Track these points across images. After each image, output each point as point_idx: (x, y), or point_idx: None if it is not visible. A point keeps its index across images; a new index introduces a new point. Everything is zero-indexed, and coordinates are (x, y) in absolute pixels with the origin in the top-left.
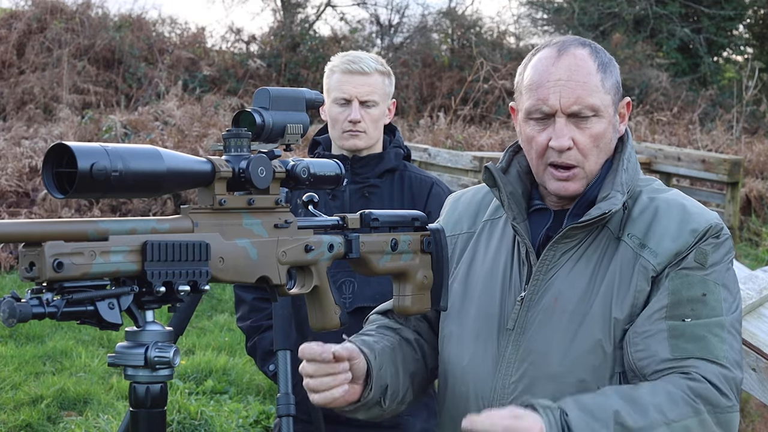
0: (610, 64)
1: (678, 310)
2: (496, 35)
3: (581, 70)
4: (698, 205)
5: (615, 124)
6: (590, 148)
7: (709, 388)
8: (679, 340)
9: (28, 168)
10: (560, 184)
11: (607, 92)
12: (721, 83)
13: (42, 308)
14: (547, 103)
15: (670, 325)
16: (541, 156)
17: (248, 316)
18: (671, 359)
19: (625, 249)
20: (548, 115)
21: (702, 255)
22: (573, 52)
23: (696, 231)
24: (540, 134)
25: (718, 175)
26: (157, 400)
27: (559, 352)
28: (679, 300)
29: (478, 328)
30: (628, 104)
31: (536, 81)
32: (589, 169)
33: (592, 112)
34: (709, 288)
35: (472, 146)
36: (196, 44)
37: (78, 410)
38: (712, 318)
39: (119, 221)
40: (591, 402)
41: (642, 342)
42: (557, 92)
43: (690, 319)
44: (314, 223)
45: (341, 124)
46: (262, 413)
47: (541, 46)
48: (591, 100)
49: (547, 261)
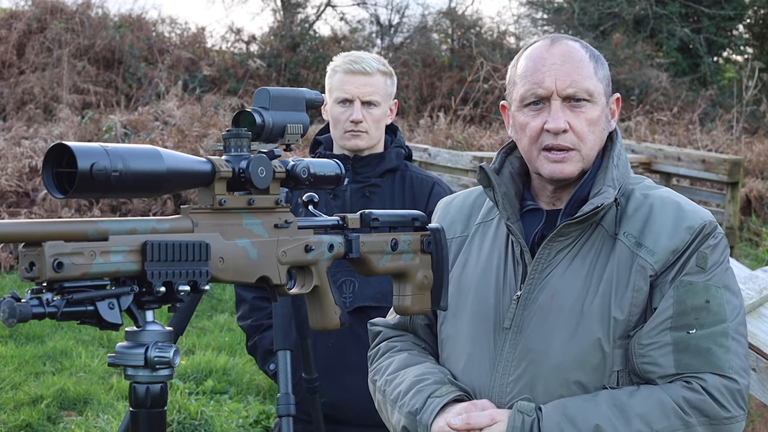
0: (601, 58)
1: (683, 321)
2: (496, 35)
3: (575, 55)
4: (692, 203)
5: (607, 115)
6: (586, 133)
7: (707, 400)
8: (684, 354)
9: (28, 168)
10: (555, 166)
11: (600, 81)
12: (721, 83)
13: (42, 308)
14: (543, 86)
15: (675, 338)
16: (535, 141)
17: (249, 315)
18: (674, 375)
19: (621, 248)
20: (543, 98)
21: (702, 259)
22: (565, 42)
23: (692, 228)
24: (534, 119)
25: (718, 175)
26: (157, 400)
27: (557, 350)
28: (683, 310)
29: (474, 329)
30: (618, 100)
31: (531, 67)
32: (585, 153)
33: (587, 96)
34: (712, 293)
35: (472, 146)
36: (196, 44)
37: (78, 410)
38: (716, 326)
39: (119, 221)
40: (577, 409)
41: (647, 354)
42: (552, 75)
43: (695, 329)
44: (314, 223)
45: (343, 124)
46: (262, 413)
47: (533, 41)
48: (585, 83)
49: (543, 259)
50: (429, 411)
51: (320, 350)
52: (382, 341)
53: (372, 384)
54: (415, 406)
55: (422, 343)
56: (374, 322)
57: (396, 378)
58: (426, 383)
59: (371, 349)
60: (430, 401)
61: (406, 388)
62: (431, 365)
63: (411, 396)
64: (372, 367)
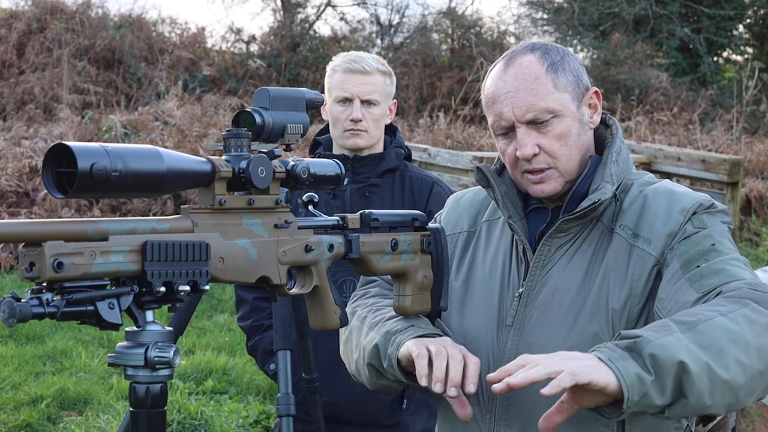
0: (563, 61)
1: (692, 265)
2: (496, 35)
3: (528, 77)
4: (686, 189)
5: (581, 118)
6: (557, 148)
7: (745, 289)
8: (701, 280)
9: (28, 168)
10: (537, 187)
11: (563, 90)
12: (721, 83)
13: (42, 308)
14: (503, 117)
15: (689, 276)
16: (514, 166)
17: (249, 316)
18: (699, 297)
19: (618, 240)
20: (508, 128)
21: (700, 221)
22: (519, 62)
23: (684, 209)
24: (508, 147)
25: (718, 175)
26: (157, 400)
27: (557, 346)
28: (690, 258)
29: (477, 326)
30: (597, 93)
31: (490, 97)
32: (563, 168)
33: (549, 115)
34: (716, 239)
35: (472, 146)
36: (196, 44)
37: (78, 410)
38: (726, 255)
39: (119, 221)
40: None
41: (668, 302)
42: (509, 104)
43: (705, 263)
44: (314, 223)
45: (342, 123)
46: (262, 413)
47: (498, 60)
48: (543, 104)
49: (543, 256)
50: (408, 334)
51: (320, 350)
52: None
53: (351, 315)
54: (396, 327)
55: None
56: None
57: (383, 309)
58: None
59: (359, 288)
60: (411, 330)
61: (391, 316)
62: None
63: (394, 321)
64: (355, 301)
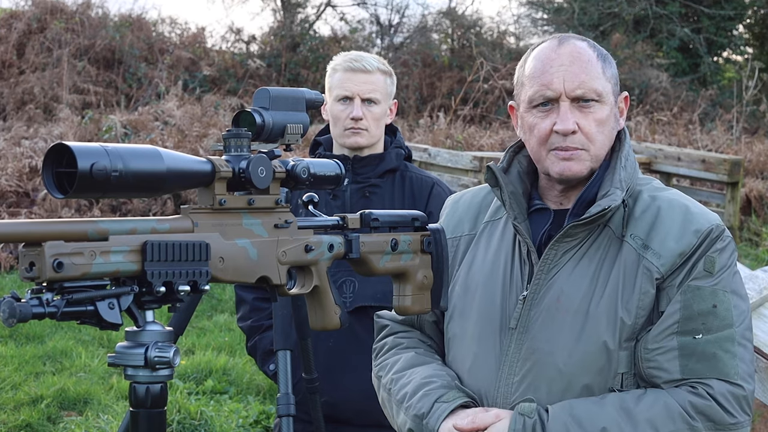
0: (609, 57)
1: (689, 325)
2: (496, 35)
3: (583, 56)
4: (700, 206)
5: (616, 115)
6: (595, 133)
7: (713, 406)
8: (690, 359)
9: (28, 168)
10: (564, 164)
11: (608, 80)
12: (721, 83)
13: (42, 308)
14: (551, 87)
15: (681, 343)
16: (544, 142)
17: (249, 316)
18: (679, 380)
19: (628, 250)
20: (552, 100)
21: (710, 263)
22: (573, 43)
23: (699, 231)
24: (543, 121)
25: (718, 175)
26: (157, 400)
27: (564, 352)
28: (690, 315)
29: (480, 328)
30: (626, 99)
31: (539, 68)
32: (594, 153)
33: (596, 96)
34: (719, 298)
35: (472, 146)
36: (196, 44)
37: (78, 410)
38: (723, 331)
39: (119, 221)
40: (584, 410)
41: (653, 359)
42: (560, 76)
43: (701, 335)
44: (314, 223)
45: (343, 122)
46: (262, 413)
47: (540, 41)
48: (594, 84)
49: (549, 260)
50: (436, 416)
51: (320, 350)
52: (389, 335)
53: (377, 380)
54: (422, 410)
55: (428, 341)
56: (381, 315)
57: (402, 377)
58: (433, 386)
59: (377, 342)
60: (437, 406)
61: (412, 389)
62: (438, 367)
63: (418, 399)
64: (377, 362)
